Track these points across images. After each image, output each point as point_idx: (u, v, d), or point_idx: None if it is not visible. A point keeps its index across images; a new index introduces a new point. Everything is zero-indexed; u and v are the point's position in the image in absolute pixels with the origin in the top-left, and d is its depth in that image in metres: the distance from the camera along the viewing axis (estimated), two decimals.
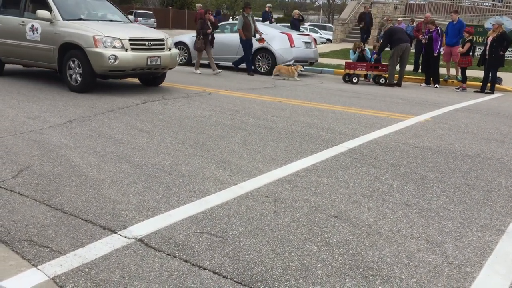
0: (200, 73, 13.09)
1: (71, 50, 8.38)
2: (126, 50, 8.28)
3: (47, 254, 2.89)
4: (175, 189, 4.02)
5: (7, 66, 10.40)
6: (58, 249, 2.94)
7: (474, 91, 11.78)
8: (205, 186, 4.11)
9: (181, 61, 14.45)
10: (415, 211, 3.77)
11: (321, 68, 15.92)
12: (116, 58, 8.10)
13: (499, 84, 12.40)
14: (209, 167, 4.62)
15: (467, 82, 12.42)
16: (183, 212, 3.55)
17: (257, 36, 13.67)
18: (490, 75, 11.66)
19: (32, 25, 8.82)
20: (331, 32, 29.43)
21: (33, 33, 8.79)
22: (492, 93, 11.61)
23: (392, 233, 3.35)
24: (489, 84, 11.75)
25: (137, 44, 8.47)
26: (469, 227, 3.52)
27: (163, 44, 8.98)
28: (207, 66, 13.78)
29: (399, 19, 18.07)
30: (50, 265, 2.77)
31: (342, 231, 3.35)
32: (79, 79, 8.41)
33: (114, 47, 8.18)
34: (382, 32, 17.58)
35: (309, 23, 42.90)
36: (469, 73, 13.30)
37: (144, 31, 9.46)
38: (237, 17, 14.14)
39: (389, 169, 4.79)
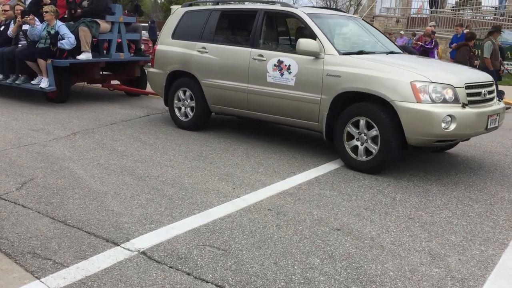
0: None
1: (354, 103, 5.13)
2: (463, 105, 4.81)
3: (50, 267, 2.89)
4: (178, 202, 4.03)
5: None
6: (61, 262, 2.95)
7: None
8: (208, 199, 4.12)
9: None
10: (418, 224, 3.76)
11: None
12: (452, 120, 4.68)
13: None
14: (212, 180, 4.63)
15: None
16: (185, 225, 3.56)
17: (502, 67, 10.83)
18: None
19: (280, 61, 5.65)
20: None
21: (281, 74, 5.61)
22: None
23: (395, 247, 3.35)
24: None
25: (473, 94, 5.00)
26: (472, 240, 3.51)
27: (493, 91, 5.43)
28: None
29: (401, 32, 18.16)
30: (53, 277, 2.78)
31: (345, 244, 3.34)
32: (374, 150, 4.94)
33: (445, 100, 4.75)
34: None
35: None
36: None
37: (462, 69, 5.98)
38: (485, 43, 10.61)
39: (392, 182, 4.79)
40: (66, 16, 8.84)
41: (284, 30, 7.26)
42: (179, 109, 6.89)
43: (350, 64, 5.17)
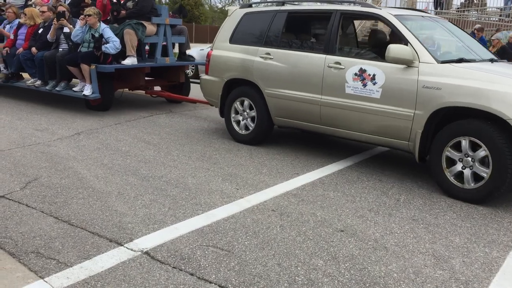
0: None
1: (456, 121, 4.40)
2: None
3: (54, 266, 2.90)
4: (182, 202, 4.03)
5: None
6: (64, 261, 2.96)
7: None
8: (211, 199, 4.12)
9: (188, 74, 13.46)
10: (422, 226, 3.75)
11: None
12: None
13: None
14: (216, 180, 4.63)
15: None
16: (189, 225, 3.56)
17: None
18: None
19: (362, 70, 4.95)
20: None
21: (364, 85, 4.93)
22: None
23: (398, 248, 3.33)
24: None
25: None
26: (476, 242, 3.49)
27: None
28: None
29: None
30: (57, 277, 2.79)
31: (349, 246, 3.34)
32: (485, 174, 4.19)
33: None
34: None
35: None
36: None
37: None
38: None
39: (396, 183, 4.77)
40: (109, 18, 8.26)
41: (352, 33, 6.60)
42: (237, 121, 6.25)
43: (453, 75, 4.41)
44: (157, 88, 9.34)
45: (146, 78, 8.80)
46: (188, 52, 11.12)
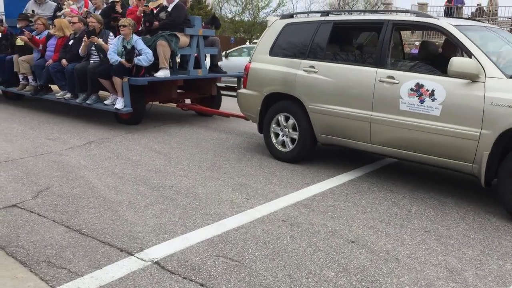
0: None
1: None
2: None
3: (64, 276, 2.91)
4: (192, 212, 4.03)
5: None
6: (75, 271, 2.97)
7: None
8: (222, 209, 4.12)
9: None
10: (434, 237, 3.71)
11: None
12: None
13: None
14: (226, 190, 4.63)
15: None
16: (199, 235, 3.56)
17: None
18: None
19: (419, 85, 4.54)
20: None
21: (422, 101, 4.51)
22: None
23: (410, 260, 3.30)
24: None
25: None
26: (489, 255, 3.45)
27: None
28: None
29: (416, 43, 18.09)
30: (68, 286, 2.80)
31: (360, 257, 3.31)
32: None
33: None
34: None
35: None
36: None
37: None
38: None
39: (407, 194, 4.74)
40: (141, 29, 8.00)
41: (401, 45, 6.29)
42: (277, 137, 5.90)
43: None
44: (187, 101, 9.12)
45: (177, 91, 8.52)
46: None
